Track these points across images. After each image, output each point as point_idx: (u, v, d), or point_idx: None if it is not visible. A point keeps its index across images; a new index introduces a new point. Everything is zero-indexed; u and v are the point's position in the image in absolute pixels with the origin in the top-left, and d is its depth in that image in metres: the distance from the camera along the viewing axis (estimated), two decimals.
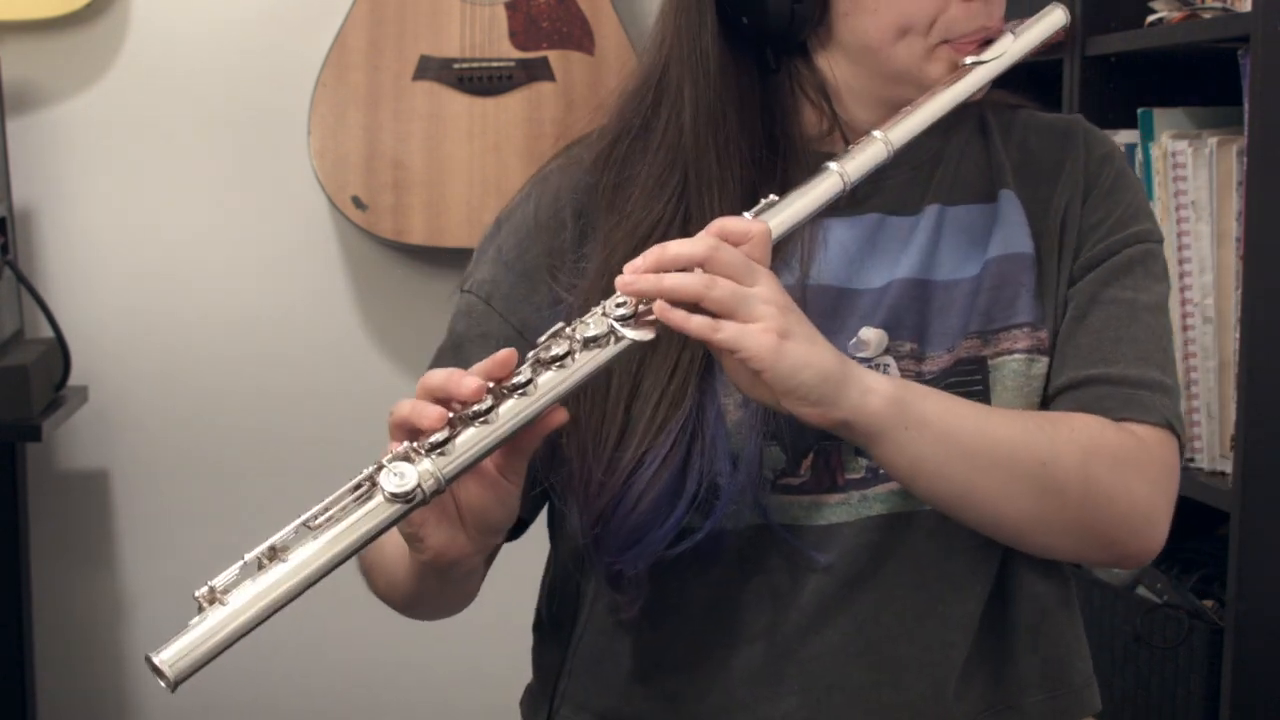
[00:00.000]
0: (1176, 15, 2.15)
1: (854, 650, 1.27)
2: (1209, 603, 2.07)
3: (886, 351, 1.28)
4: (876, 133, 1.23)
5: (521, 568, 1.51)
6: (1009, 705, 1.31)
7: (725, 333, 1.11)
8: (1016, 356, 1.28)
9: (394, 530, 1.12)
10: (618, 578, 1.25)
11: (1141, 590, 2.16)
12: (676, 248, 1.14)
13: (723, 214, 1.22)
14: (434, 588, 1.26)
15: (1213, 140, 2.03)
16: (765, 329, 1.11)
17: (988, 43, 1.28)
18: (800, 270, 1.28)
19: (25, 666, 2.70)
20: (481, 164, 2.77)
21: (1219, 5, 2.11)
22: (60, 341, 2.58)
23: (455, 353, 1.32)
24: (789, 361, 1.12)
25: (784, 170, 1.28)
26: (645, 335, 1.13)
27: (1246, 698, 1.92)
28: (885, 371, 1.27)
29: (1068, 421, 1.24)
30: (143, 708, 2.95)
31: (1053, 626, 1.33)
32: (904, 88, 1.27)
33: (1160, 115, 2.17)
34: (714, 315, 1.12)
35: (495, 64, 2.77)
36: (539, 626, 1.40)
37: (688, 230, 1.23)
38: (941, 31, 1.26)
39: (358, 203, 2.76)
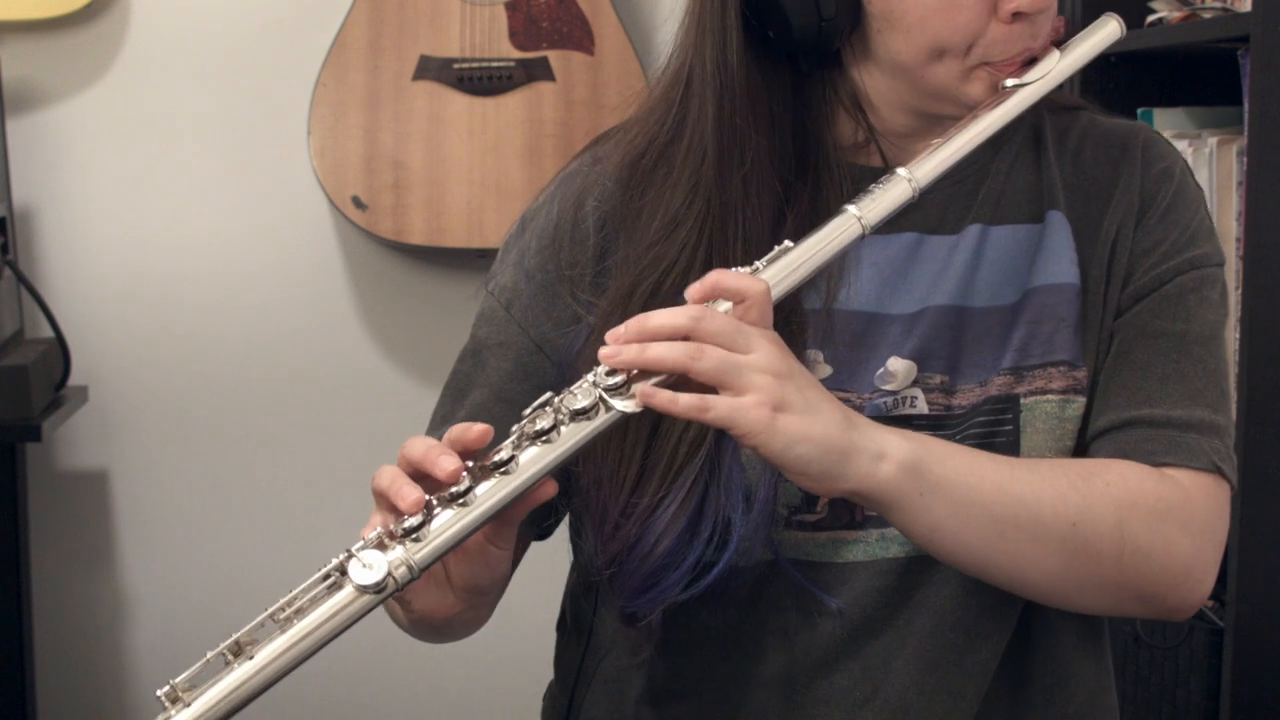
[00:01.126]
0: (1176, 15, 2.15)
1: (860, 696, 1.23)
2: (1209, 603, 2.07)
3: (915, 384, 1.23)
4: (902, 171, 1.16)
5: (548, 563, 1.50)
6: None
7: (716, 412, 1.05)
8: (1050, 397, 1.22)
9: None
10: (632, 619, 1.22)
11: None
12: (658, 319, 1.07)
13: (746, 242, 1.17)
14: (430, 636, 1.24)
15: (1213, 140, 2.03)
16: (758, 402, 1.05)
17: (1032, 62, 1.21)
18: (827, 293, 1.22)
19: (25, 666, 2.70)
20: (481, 164, 2.77)
21: (1219, 5, 2.11)
22: (60, 341, 2.58)
23: (475, 358, 1.30)
24: (783, 438, 1.05)
25: (814, 186, 1.23)
26: (635, 407, 1.06)
27: (1246, 698, 1.92)
28: (913, 404, 1.22)
29: (1103, 474, 1.18)
30: (143, 708, 2.95)
31: (1075, 679, 1.28)
32: (942, 105, 1.21)
33: (1160, 115, 2.17)
34: (703, 387, 1.06)
35: (495, 64, 2.77)
36: (562, 626, 1.39)
37: (710, 261, 1.19)
38: (980, 54, 1.19)
39: (358, 203, 2.76)
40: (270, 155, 2.90)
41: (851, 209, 1.14)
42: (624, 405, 1.07)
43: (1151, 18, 2.19)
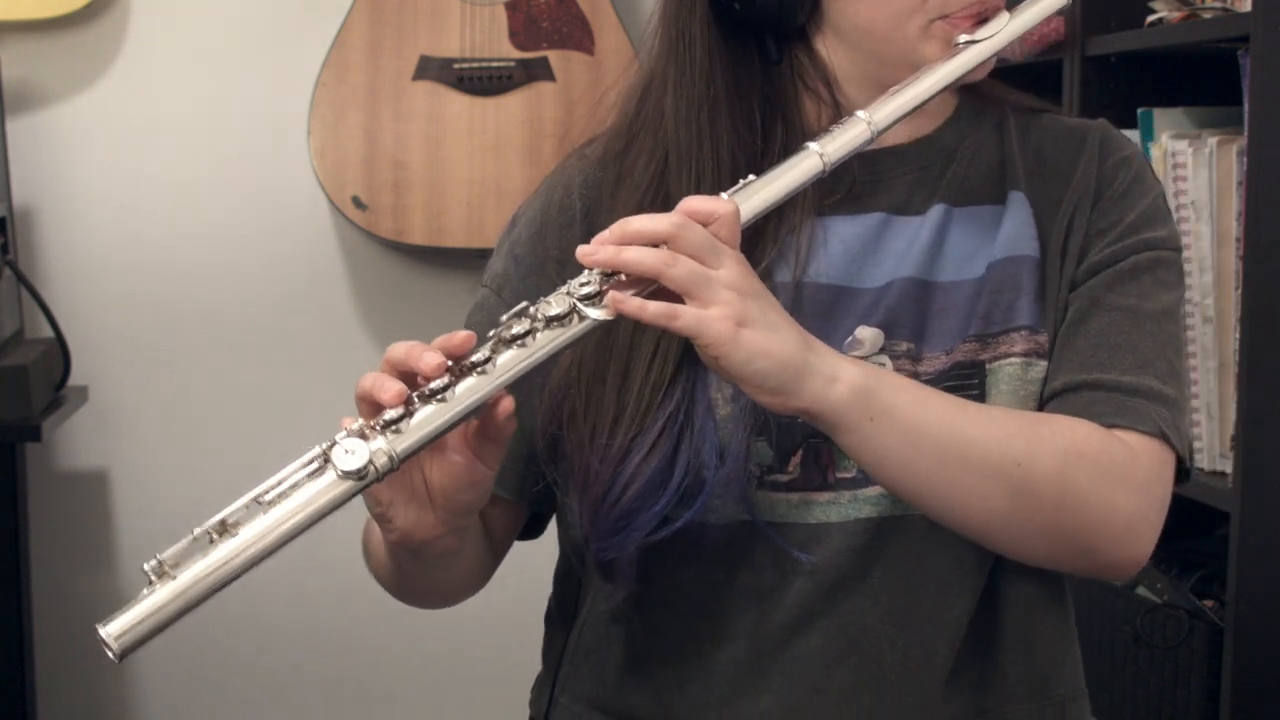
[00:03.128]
0: (1176, 15, 2.15)
1: (835, 653, 1.26)
2: (1209, 603, 2.07)
3: (882, 350, 1.26)
4: (860, 113, 1.20)
5: (543, 560, 1.51)
6: (993, 712, 1.30)
7: (683, 320, 1.10)
8: (1013, 360, 1.26)
9: None
10: (607, 565, 1.25)
11: (1141, 590, 2.16)
12: (640, 223, 1.12)
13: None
14: (411, 568, 1.26)
15: (1213, 140, 2.03)
16: (723, 315, 1.09)
17: (984, 21, 1.26)
18: (797, 267, 1.27)
19: (25, 666, 2.70)
20: (481, 164, 2.77)
21: (1219, 5, 2.11)
22: (60, 341, 2.58)
23: None
24: (743, 350, 1.10)
25: (780, 162, 1.25)
26: (608, 315, 1.11)
27: (1246, 698, 1.92)
28: None
29: (1050, 423, 1.21)
30: (143, 707, 2.95)
31: (1041, 635, 1.31)
32: (902, 71, 1.25)
33: (1160, 115, 2.17)
34: (673, 295, 1.10)
35: (495, 64, 2.77)
36: (549, 617, 1.42)
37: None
38: (936, 8, 1.25)
39: (358, 203, 2.76)
40: (270, 155, 2.90)
41: (812, 145, 1.19)
42: (597, 314, 1.11)
43: (1151, 18, 2.19)
